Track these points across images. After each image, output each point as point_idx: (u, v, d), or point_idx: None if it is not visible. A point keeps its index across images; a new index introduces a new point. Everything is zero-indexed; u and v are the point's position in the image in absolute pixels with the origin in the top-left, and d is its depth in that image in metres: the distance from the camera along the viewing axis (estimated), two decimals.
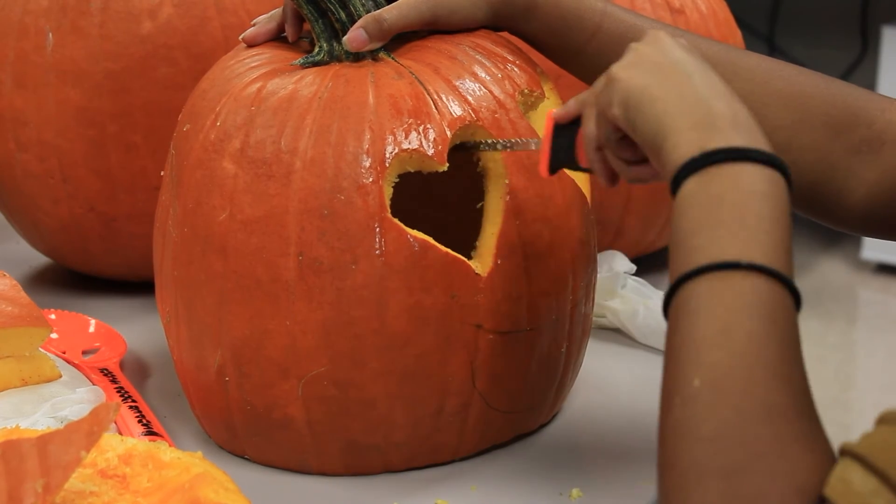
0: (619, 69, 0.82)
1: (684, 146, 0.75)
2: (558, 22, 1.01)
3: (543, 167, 0.91)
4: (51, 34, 1.25)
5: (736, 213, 0.72)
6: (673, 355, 0.71)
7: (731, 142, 0.75)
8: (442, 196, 1.07)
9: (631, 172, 0.85)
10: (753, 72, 0.97)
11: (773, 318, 0.69)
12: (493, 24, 1.02)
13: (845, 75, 3.78)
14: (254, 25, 1.05)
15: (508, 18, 1.02)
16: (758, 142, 0.75)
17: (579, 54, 1.01)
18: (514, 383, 0.98)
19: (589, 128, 0.85)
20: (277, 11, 1.04)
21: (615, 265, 1.23)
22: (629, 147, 0.83)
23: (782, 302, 0.70)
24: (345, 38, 0.98)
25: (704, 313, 0.70)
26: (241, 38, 1.05)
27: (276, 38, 1.05)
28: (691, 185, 0.74)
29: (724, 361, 0.67)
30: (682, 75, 0.79)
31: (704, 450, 0.66)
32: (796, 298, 0.71)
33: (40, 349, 1.10)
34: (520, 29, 1.03)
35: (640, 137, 0.80)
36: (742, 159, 0.74)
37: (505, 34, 1.04)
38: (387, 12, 0.98)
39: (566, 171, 0.93)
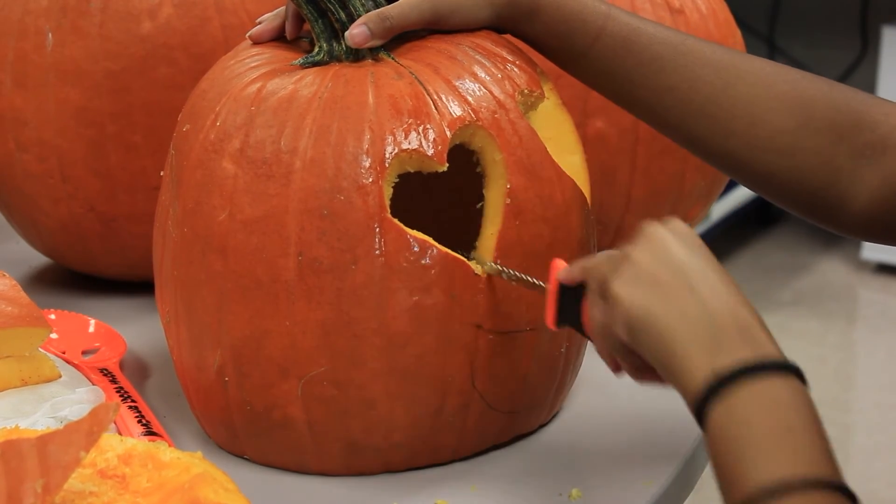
0: (619, 286, 0.80)
1: (696, 372, 0.75)
2: (561, 25, 1.00)
3: (550, 320, 0.91)
4: (51, 34, 1.25)
5: (769, 433, 0.71)
6: None
7: (740, 359, 0.74)
8: (442, 196, 1.07)
9: (642, 378, 0.85)
10: (757, 75, 0.97)
11: None
12: (496, 24, 1.02)
13: (845, 75, 3.78)
14: (259, 24, 1.05)
15: (511, 20, 1.02)
16: (766, 349, 0.75)
17: (582, 57, 1.01)
18: (514, 383, 0.98)
19: (594, 316, 0.85)
20: (283, 9, 1.05)
21: None
22: (639, 357, 0.82)
23: None
24: (347, 34, 0.98)
25: None
26: (247, 35, 1.05)
27: (280, 36, 1.05)
28: (717, 415, 0.73)
29: None
30: (683, 288, 0.77)
31: None
32: (854, 500, 0.70)
33: (40, 349, 1.10)
34: (522, 31, 1.02)
35: (647, 357, 0.79)
36: (756, 374, 0.73)
37: (506, 34, 1.04)
38: (390, 10, 0.98)
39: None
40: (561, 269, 0.90)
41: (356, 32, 0.98)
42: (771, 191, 1.00)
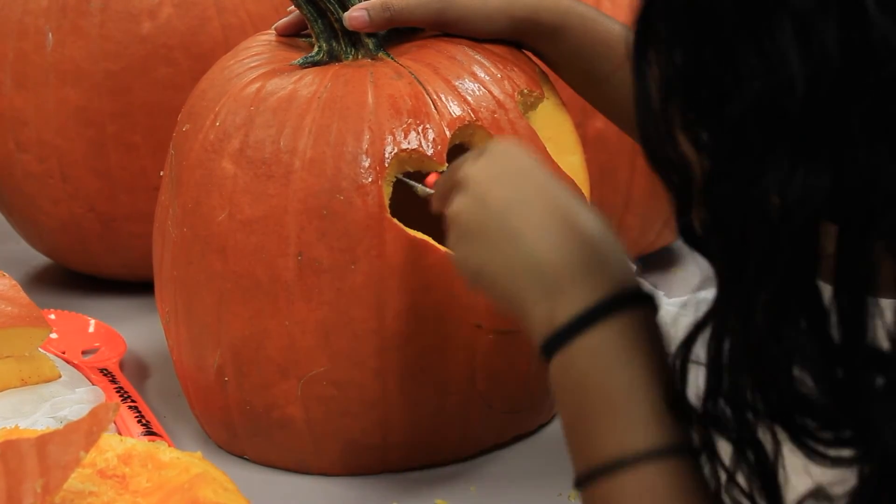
0: (454, 247, 0.77)
1: (536, 326, 0.70)
2: (587, 48, 0.99)
3: None
4: (51, 34, 1.25)
5: (600, 400, 0.68)
6: None
7: (576, 304, 0.68)
8: None
9: None
10: None
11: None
12: (512, 38, 1.01)
13: None
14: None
15: (531, 36, 1.00)
16: (603, 283, 0.69)
17: (603, 83, 1.00)
18: (514, 383, 0.98)
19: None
20: None
21: None
22: None
23: (681, 476, 0.66)
24: (346, 15, 0.97)
25: None
26: (273, 27, 1.05)
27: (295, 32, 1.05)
28: (554, 372, 0.69)
29: None
30: (505, 237, 0.72)
31: None
32: (694, 453, 0.67)
33: (40, 349, 1.10)
34: (543, 49, 1.01)
35: (502, 308, 0.75)
36: (594, 320, 0.68)
37: None
38: (394, 1, 0.98)
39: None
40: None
41: (356, 15, 0.97)
42: None
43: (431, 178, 0.90)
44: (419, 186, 0.92)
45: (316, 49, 1.00)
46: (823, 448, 0.59)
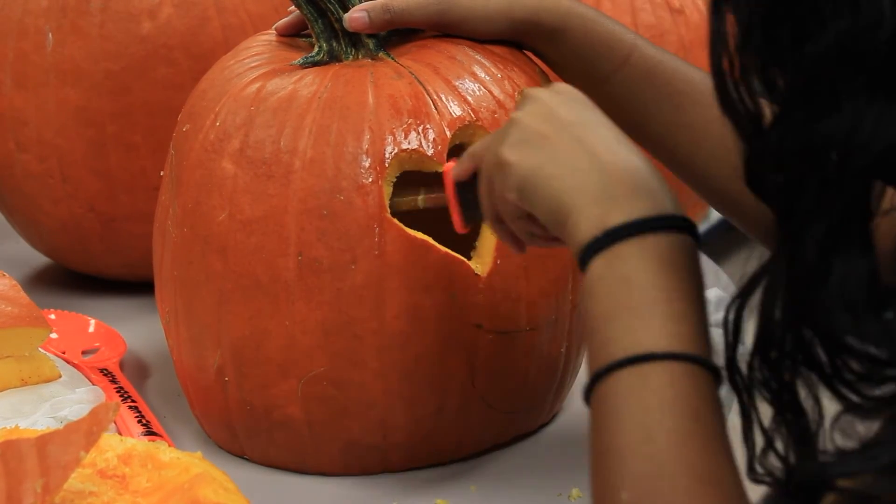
0: (507, 150, 0.77)
1: (585, 224, 0.72)
2: (587, 48, 0.99)
3: (458, 224, 0.88)
4: (51, 34, 1.25)
5: (645, 296, 0.69)
6: (599, 460, 0.68)
7: (632, 213, 0.71)
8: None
9: (540, 245, 0.83)
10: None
11: (694, 413, 0.66)
12: (512, 39, 1.01)
13: None
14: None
15: (532, 37, 1.00)
16: (660, 204, 0.71)
17: (604, 83, 1.00)
18: (514, 383, 0.98)
19: (484, 202, 0.82)
20: None
21: None
22: (536, 222, 0.79)
23: (703, 389, 0.67)
24: (346, 16, 0.97)
25: (626, 416, 0.67)
26: (274, 27, 1.05)
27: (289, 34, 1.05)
28: (597, 267, 0.70)
29: (649, 472, 0.65)
30: (572, 143, 0.75)
31: None
32: (717, 376, 0.68)
33: (40, 349, 1.10)
34: (543, 50, 1.01)
35: (542, 218, 0.76)
36: (646, 231, 0.70)
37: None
38: (394, 3, 0.98)
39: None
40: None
41: (356, 17, 0.97)
42: (768, 236, 1.01)
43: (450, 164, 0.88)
44: (419, 198, 0.92)
45: (316, 49, 1.00)
46: (864, 398, 0.60)
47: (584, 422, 1.05)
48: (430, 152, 0.93)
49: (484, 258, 0.94)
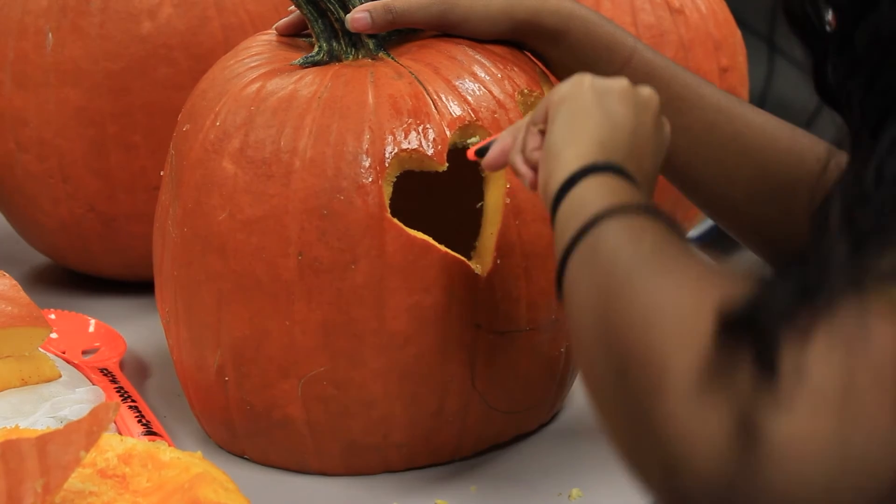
0: (590, 77, 0.82)
1: (574, 159, 0.76)
2: (588, 51, 0.99)
3: (472, 150, 0.90)
4: (51, 34, 1.25)
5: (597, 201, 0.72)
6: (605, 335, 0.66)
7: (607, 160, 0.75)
8: (442, 196, 1.07)
9: (516, 157, 0.84)
10: (763, 127, 0.98)
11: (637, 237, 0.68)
12: (513, 40, 1.01)
13: None
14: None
15: (532, 38, 1.00)
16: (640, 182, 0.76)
17: None
18: (514, 383, 0.98)
19: (523, 121, 0.85)
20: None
21: None
22: (536, 139, 0.82)
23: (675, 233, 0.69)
24: (348, 17, 0.98)
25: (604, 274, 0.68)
26: (274, 27, 1.05)
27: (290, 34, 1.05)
28: (564, 202, 0.74)
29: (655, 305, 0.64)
30: (613, 102, 0.80)
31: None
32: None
33: (40, 349, 1.10)
34: (544, 51, 1.01)
35: (550, 131, 0.79)
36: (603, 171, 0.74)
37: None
38: (396, 4, 0.98)
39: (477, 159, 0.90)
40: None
41: (358, 17, 0.97)
42: (761, 242, 1.01)
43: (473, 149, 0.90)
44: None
45: (316, 49, 1.00)
46: None
47: (584, 422, 1.05)
48: (430, 152, 0.93)
49: (484, 258, 0.94)
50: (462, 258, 0.93)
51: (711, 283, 0.62)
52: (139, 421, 1.02)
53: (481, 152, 0.89)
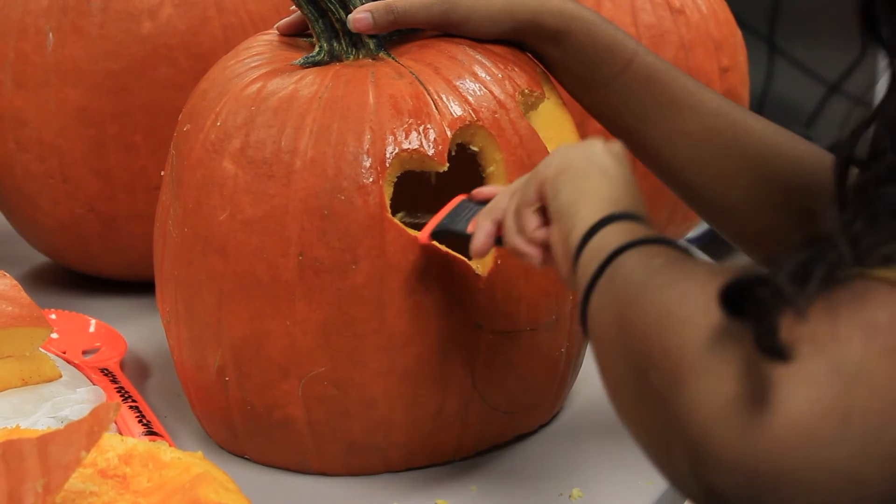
0: (569, 147, 0.84)
1: (592, 211, 0.78)
2: (590, 52, 1.00)
3: (425, 233, 0.91)
4: (51, 34, 1.25)
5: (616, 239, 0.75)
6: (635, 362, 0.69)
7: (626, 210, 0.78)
8: (442, 196, 1.07)
9: (517, 240, 0.84)
10: (763, 132, 1.00)
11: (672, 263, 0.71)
12: (513, 39, 1.01)
13: (845, 75, 3.78)
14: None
15: (535, 38, 1.01)
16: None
17: (604, 88, 1.00)
18: (514, 383, 0.98)
19: (500, 200, 0.87)
20: None
21: None
22: (534, 219, 0.83)
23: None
24: (349, 17, 0.98)
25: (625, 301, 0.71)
26: (276, 27, 1.05)
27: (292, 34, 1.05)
28: (591, 244, 0.76)
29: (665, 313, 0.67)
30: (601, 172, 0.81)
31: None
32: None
33: (40, 349, 1.10)
34: (545, 52, 1.01)
35: (558, 203, 0.80)
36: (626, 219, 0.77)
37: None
38: (397, 4, 0.98)
39: (436, 243, 0.92)
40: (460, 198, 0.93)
41: (359, 17, 0.97)
42: (757, 246, 1.01)
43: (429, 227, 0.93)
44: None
45: (317, 49, 1.00)
46: None
47: (584, 422, 1.05)
48: (430, 152, 0.93)
49: (484, 259, 0.94)
50: (462, 258, 0.93)
51: (718, 281, 0.64)
52: (140, 421, 1.02)
53: (437, 235, 0.91)
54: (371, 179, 0.92)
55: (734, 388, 0.60)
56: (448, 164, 0.93)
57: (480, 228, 0.87)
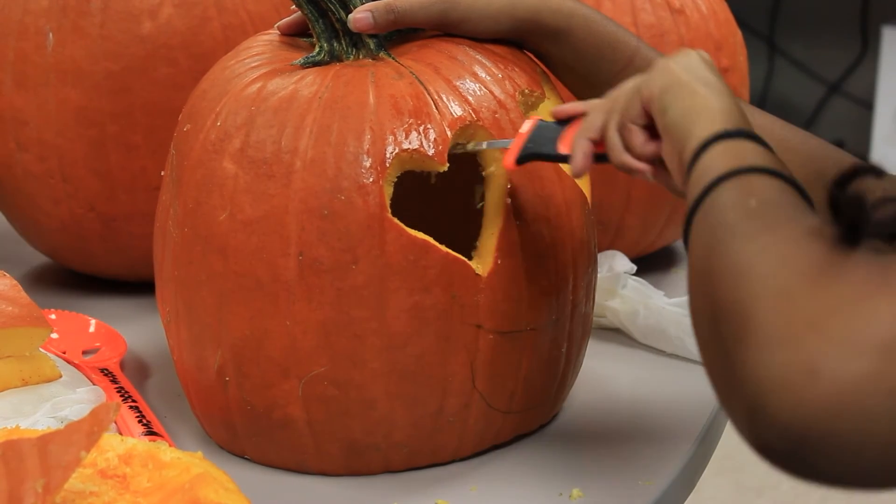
0: (669, 61, 0.85)
1: (707, 126, 0.80)
2: (592, 50, 1.00)
3: (509, 159, 0.92)
4: (51, 34, 1.25)
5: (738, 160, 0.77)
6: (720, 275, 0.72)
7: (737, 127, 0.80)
8: (442, 196, 1.07)
9: (626, 157, 0.87)
10: (770, 128, 0.99)
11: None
12: (514, 39, 1.01)
13: (845, 75, 3.78)
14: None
15: (535, 37, 1.01)
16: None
17: (606, 85, 1.00)
18: (514, 383, 0.98)
19: (594, 119, 0.88)
20: None
21: (615, 265, 1.23)
22: (641, 135, 0.86)
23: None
24: (350, 17, 0.98)
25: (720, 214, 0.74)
26: (276, 26, 1.05)
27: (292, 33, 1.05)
28: (710, 154, 0.78)
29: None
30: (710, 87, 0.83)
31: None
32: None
33: (40, 349, 1.10)
34: (545, 50, 1.01)
35: (669, 118, 0.82)
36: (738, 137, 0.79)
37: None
38: (397, 3, 0.98)
39: (531, 162, 0.93)
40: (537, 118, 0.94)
41: (360, 17, 0.97)
42: None
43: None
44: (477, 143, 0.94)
45: (317, 49, 1.00)
46: None
47: (584, 422, 1.05)
48: (430, 152, 0.93)
49: (484, 258, 0.94)
50: (462, 258, 0.93)
51: (804, 244, 0.68)
52: (140, 421, 1.02)
53: (524, 160, 0.91)
54: (371, 179, 0.92)
55: (791, 356, 0.63)
56: (448, 165, 0.93)
57: (578, 147, 0.88)
